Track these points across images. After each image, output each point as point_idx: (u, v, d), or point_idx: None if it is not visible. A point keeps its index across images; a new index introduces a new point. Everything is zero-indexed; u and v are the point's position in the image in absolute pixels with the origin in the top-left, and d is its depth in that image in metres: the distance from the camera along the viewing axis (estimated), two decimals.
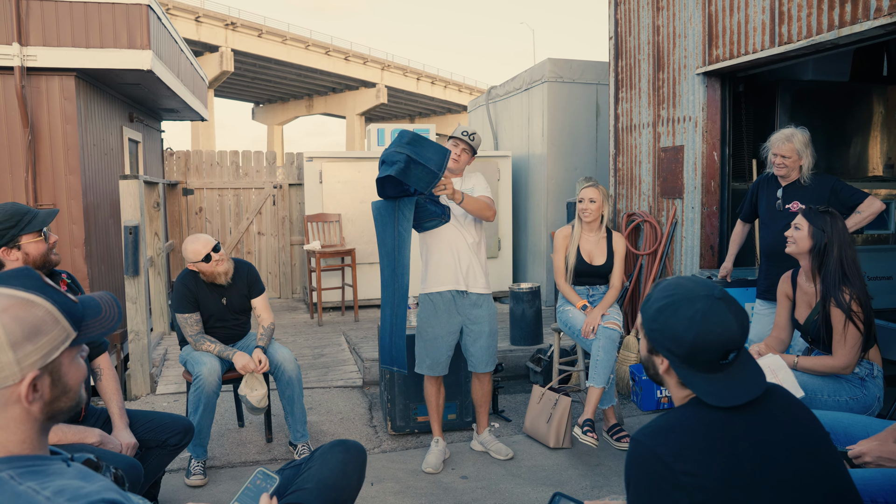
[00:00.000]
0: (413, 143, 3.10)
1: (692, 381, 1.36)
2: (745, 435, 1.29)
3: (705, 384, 1.34)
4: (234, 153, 8.13)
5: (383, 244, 3.29)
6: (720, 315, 1.33)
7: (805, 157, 3.48)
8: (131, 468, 2.19)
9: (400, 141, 3.13)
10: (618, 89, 5.64)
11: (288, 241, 8.21)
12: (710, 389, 1.34)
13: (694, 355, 1.35)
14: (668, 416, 1.36)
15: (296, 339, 6.00)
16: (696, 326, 1.33)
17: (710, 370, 1.35)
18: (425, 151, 3.09)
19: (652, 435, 1.31)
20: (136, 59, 4.97)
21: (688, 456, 1.26)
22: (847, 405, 2.66)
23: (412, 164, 3.04)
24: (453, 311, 3.42)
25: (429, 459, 3.48)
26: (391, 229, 3.26)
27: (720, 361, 1.34)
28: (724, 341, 1.33)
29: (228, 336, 3.57)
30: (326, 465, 1.74)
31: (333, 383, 4.82)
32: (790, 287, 3.00)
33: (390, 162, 3.07)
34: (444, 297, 3.40)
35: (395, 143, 3.13)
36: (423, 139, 3.14)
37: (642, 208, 5.34)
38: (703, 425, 1.31)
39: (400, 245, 3.25)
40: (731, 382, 1.33)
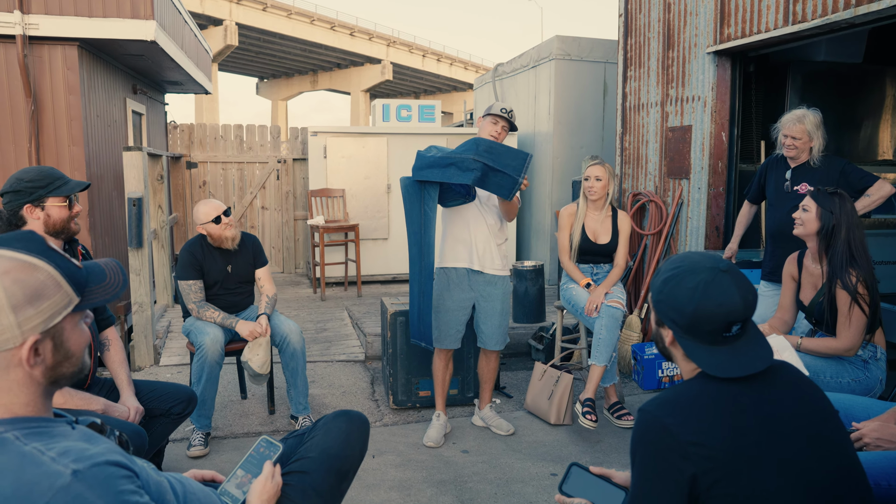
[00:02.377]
0: (491, 152, 3.12)
1: (695, 352, 1.36)
2: (752, 409, 1.29)
3: (707, 355, 1.35)
4: (238, 127, 8.09)
5: (411, 222, 3.32)
6: (723, 287, 1.33)
7: (816, 139, 3.45)
8: (136, 435, 2.21)
9: (476, 149, 3.13)
10: (626, 68, 5.58)
11: (291, 215, 8.20)
12: (711, 360, 1.34)
13: (696, 326, 1.35)
14: (676, 389, 1.36)
15: (298, 314, 6.03)
16: (698, 297, 1.33)
17: (713, 342, 1.35)
18: (503, 158, 3.12)
19: (660, 406, 1.32)
20: (139, 29, 4.92)
21: (695, 427, 1.26)
22: (849, 387, 2.67)
23: (491, 172, 3.10)
24: (466, 287, 3.43)
25: (430, 433, 3.50)
26: (418, 208, 3.28)
27: (723, 334, 1.34)
28: (726, 313, 1.32)
29: (231, 304, 3.58)
30: (329, 434, 1.75)
31: (336, 357, 4.85)
32: (796, 268, 2.98)
33: (463, 168, 3.09)
34: (458, 273, 3.42)
35: (470, 151, 3.13)
36: (499, 146, 3.16)
37: (648, 188, 5.31)
38: (710, 398, 1.31)
39: (426, 224, 3.27)
40: (735, 355, 1.33)
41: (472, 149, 3.14)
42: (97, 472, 1.03)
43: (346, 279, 7.04)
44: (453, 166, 3.12)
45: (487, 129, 3.40)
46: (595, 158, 3.94)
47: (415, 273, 3.35)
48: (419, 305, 3.37)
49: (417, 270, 3.33)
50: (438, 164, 3.17)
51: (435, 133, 7.34)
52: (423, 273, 3.32)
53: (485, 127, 3.41)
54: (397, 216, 7.25)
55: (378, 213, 7.21)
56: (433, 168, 3.18)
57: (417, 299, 3.36)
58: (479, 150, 3.12)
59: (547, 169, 7.04)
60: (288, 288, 7.35)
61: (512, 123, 3.40)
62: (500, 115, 3.38)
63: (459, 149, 3.19)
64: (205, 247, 3.49)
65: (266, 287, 3.63)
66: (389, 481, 3.04)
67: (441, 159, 3.15)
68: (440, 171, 3.16)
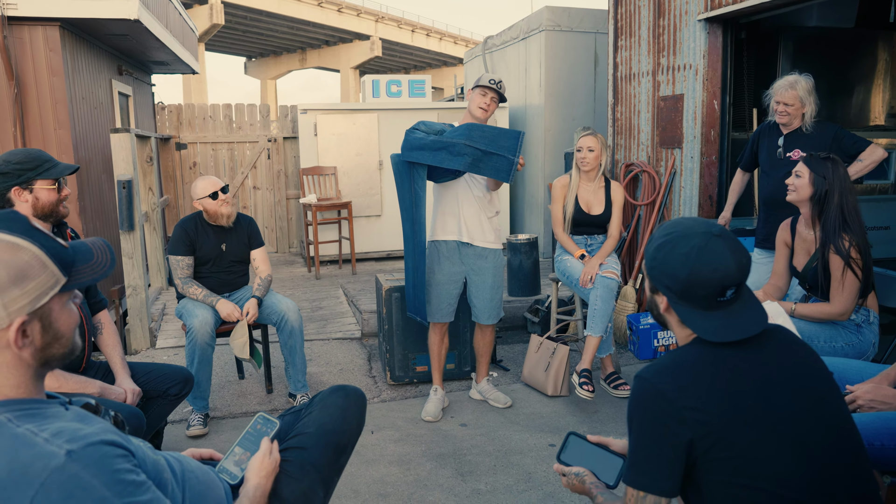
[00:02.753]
0: (483, 136, 3.09)
1: (689, 317, 1.36)
2: (748, 372, 1.29)
3: (702, 320, 1.34)
4: (227, 107, 8.00)
5: (402, 200, 3.32)
6: (716, 251, 1.32)
7: (808, 105, 3.43)
8: (133, 416, 2.21)
9: (469, 135, 3.09)
10: (617, 37, 5.51)
11: (284, 195, 8.16)
12: (706, 325, 1.33)
13: (690, 291, 1.34)
14: (671, 355, 1.36)
15: (294, 293, 6.02)
16: (692, 262, 1.32)
17: (707, 307, 1.34)
18: (496, 140, 3.09)
19: (656, 372, 1.32)
20: (121, 7, 4.83)
21: (691, 392, 1.26)
22: (843, 351, 2.68)
23: (484, 156, 3.07)
24: (456, 260, 3.42)
25: (428, 408, 3.51)
26: (408, 186, 3.28)
27: (718, 298, 1.33)
28: (720, 277, 1.31)
29: (224, 283, 3.58)
30: (326, 409, 1.75)
31: (332, 335, 4.85)
32: (789, 235, 2.98)
33: (454, 153, 3.07)
34: (448, 246, 3.41)
35: (462, 136, 3.09)
36: (491, 129, 3.13)
37: (641, 158, 5.29)
38: (706, 363, 1.31)
39: (416, 202, 3.28)
40: (730, 320, 1.33)
41: (465, 134, 3.10)
42: (92, 451, 1.02)
43: (340, 257, 7.02)
44: (444, 150, 3.11)
45: (476, 101, 3.34)
46: (587, 129, 3.92)
47: (409, 249, 3.37)
48: (413, 280, 3.40)
49: (411, 247, 3.36)
50: (429, 147, 3.15)
51: (426, 108, 7.27)
52: (417, 249, 3.34)
53: (474, 99, 3.35)
54: (390, 192, 7.21)
55: (370, 189, 7.18)
56: (423, 150, 3.16)
57: (412, 275, 3.39)
58: (471, 134, 3.10)
59: (539, 141, 7.00)
60: (282, 267, 7.33)
61: (501, 94, 3.33)
62: (488, 86, 3.31)
63: (452, 134, 3.14)
64: (199, 223, 3.50)
65: (261, 268, 3.62)
66: (389, 456, 3.06)
67: (432, 142, 3.14)
68: (430, 154, 3.15)
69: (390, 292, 3.86)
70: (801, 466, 1.24)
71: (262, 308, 3.52)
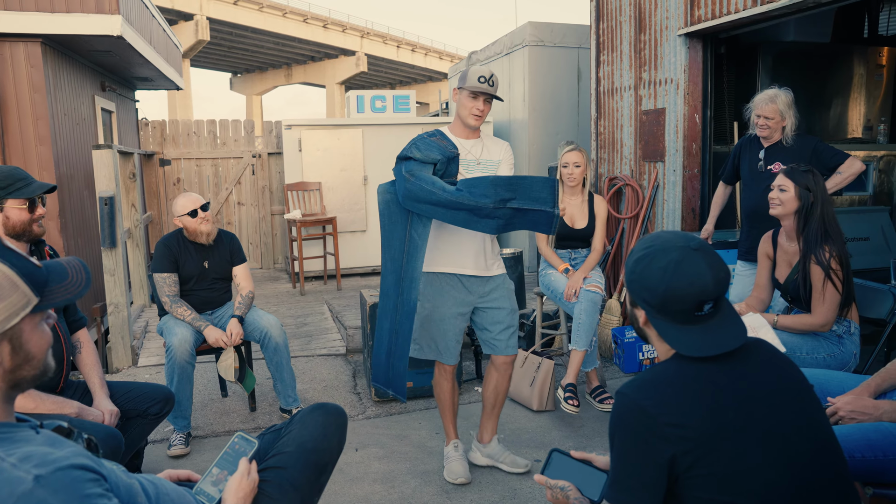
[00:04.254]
0: (514, 190, 2.55)
1: (667, 332, 1.35)
2: (729, 387, 1.28)
3: (679, 335, 1.33)
4: (212, 122, 7.98)
5: (388, 246, 2.75)
6: (694, 265, 1.31)
7: (788, 118, 3.47)
8: (111, 437, 2.16)
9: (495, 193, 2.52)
10: (599, 52, 5.57)
11: (268, 210, 8.13)
12: (683, 340, 1.32)
13: (667, 306, 1.33)
14: (652, 370, 1.35)
15: (278, 309, 5.97)
16: (669, 276, 1.32)
17: (684, 321, 1.34)
18: (530, 192, 2.56)
19: (637, 388, 1.31)
20: (104, 24, 4.81)
21: (673, 408, 1.25)
22: (825, 362, 2.69)
23: (519, 213, 2.54)
24: (462, 289, 2.87)
25: (454, 468, 2.96)
26: (400, 231, 2.71)
27: (695, 313, 1.33)
28: (697, 292, 1.31)
29: (207, 300, 3.55)
30: (306, 428, 1.73)
31: (317, 352, 4.81)
32: (771, 247, 3.01)
33: (481, 215, 2.52)
34: (450, 278, 2.87)
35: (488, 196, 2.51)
36: (520, 180, 2.58)
37: (624, 172, 5.32)
38: (687, 378, 1.30)
39: (411, 252, 2.70)
40: (708, 334, 1.32)
41: (490, 192, 2.51)
42: (61, 476, 1.00)
43: (325, 273, 6.99)
44: (464, 211, 2.52)
45: (467, 107, 2.76)
46: (571, 144, 3.94)
47: (387, 308, 2.79)
48: (390, 347, 2.81)
49: (391, 306, 2.77)
50: (444, 205, 2.54)
51: (410, 123, 7.29)
52: (401, 310, 2.74)
53: (463, 104, 2.77)
54: (374, 208, 7.19)
55: (355, 205, 7.17)
56: (437, 208, 2.56)
57: (387, 339, 2.81)
58: (497, 192, 2.52)
59: (523, 156, 7.03)
60: (267, 283, 7.28)
61: (494, 96, 2.76)
62: (478, 88, 2.70)
63: (470, 190, 2.53)
64: (181, 241, 3.47)
65: (242, 285, 3.59)
66: (373, 474, 3.03)
67: (448, 202, 2.53)
68: (446, 213, 2.55)
69: (375, 308, 3.84)
70: (784, 481, 1.23)
71: (244, 325, 3.49)
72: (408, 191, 2.60)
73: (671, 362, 1.35)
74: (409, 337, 2.76)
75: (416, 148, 2.69)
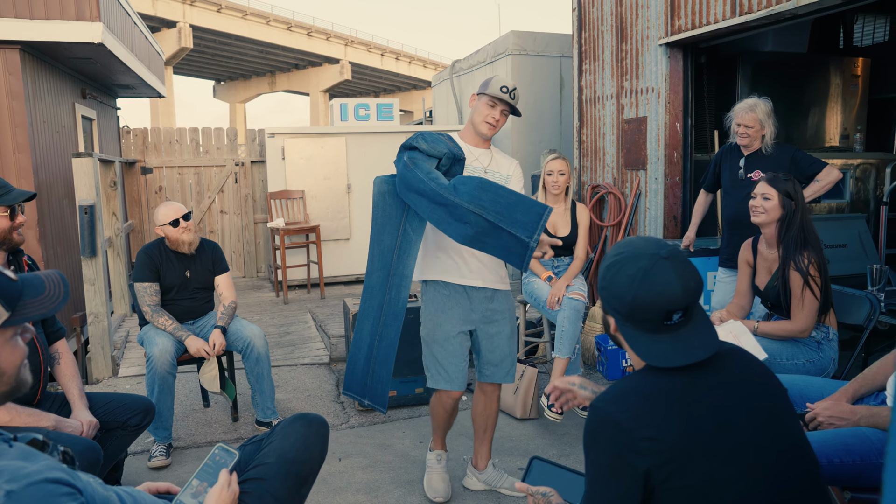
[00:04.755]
0: (497, 201, 2.28)
1: (635, 340, 1.35)
2: (703, 398, 1.28)
3: (648, 344, 1.33)
4: (194, 130, 7.93)
5: (378, 240, 2.57)
6: (662, 274, 1.30)
7: (767, 127, 3.52)
8: (89, 449, 2.13)
9: (478, 196, 2.29)
10: (581, 61, 5.62)
11: (251, 219, 8.08)
12: (652, 349, 1.32)
13: (635, 314, 1.33)
14: (626, 382, 1.34)
15: (261, 318, 5.93)
16: (637, 285, 1.31)
17: (653, 330, 1.33)
18: (512, 211, 2.26)
19: (611, 401, 1.29)
20: (85, 31, 4.77)
21: (647, 420, 1.24)
22: (804, 368, 2.73)
23: (493, 230, 2.27)
24: (466, 303, 2.66)
25: (434, 484, 2.83)
26: (394, 224, 2.54)
27: (664, 322, 1.32)
28: (664, 301, 1.30)
29: (189, 310, 3.53)
30: (287, 439, 1.72)
31: (300, 361, 4.78)
32: (751, 254, 3.04)
33: (455, 216, 2.30)
34: (454, 289, 2.65)
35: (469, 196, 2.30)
36: (508, 193, 2.31)
37: (606, 180, 5.36)
38: (660, 389, 1.29)
39: (403, 248, 2.52)
40: (677, 343, 1.31)
41: (472, 195, 2.30)
42: (34, 490, 0.98)
43: (308, 281, 6.96)
44: (443, 208, 2.34)
45: (482, 113, 2.61)
46: (554, 152, 3.97)
47: (370, 308, 2.60)
48: (369, 353, 2.60)
49: (376, 305, 2.58)
50: (428, 196, 2.37)
51: (394, 131, 7.29)
52: (386, 310, 2.55)
53: (479, 110, 2.62)
54: (358, 216, 7.19)
55: (339, 213, 7.15)
56: (422, 198, 2.40)
57: (368, 342, 2.60)
58: (480, 197, 2.29)
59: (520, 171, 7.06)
60: (250, 292, 7.24)
61: (514, 107, 2.61)
62: (499, 96, 2.56)
63: (460, 187, 2.34)
64: (163, 250, 3.46)
65: (225, 295, 3.57)
66: (357, 484, 3.01)
67: (432, 193, 2.36)
68: (428, 207, 2.39)
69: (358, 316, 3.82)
70: (759, 490, 1.24)
71: (227, 335, 3.46)
72: (403, 177, 2.46)
73: (645, 373, 1.34)
74: (394, 340, 2.57)
75: (423, 139, 2.53)
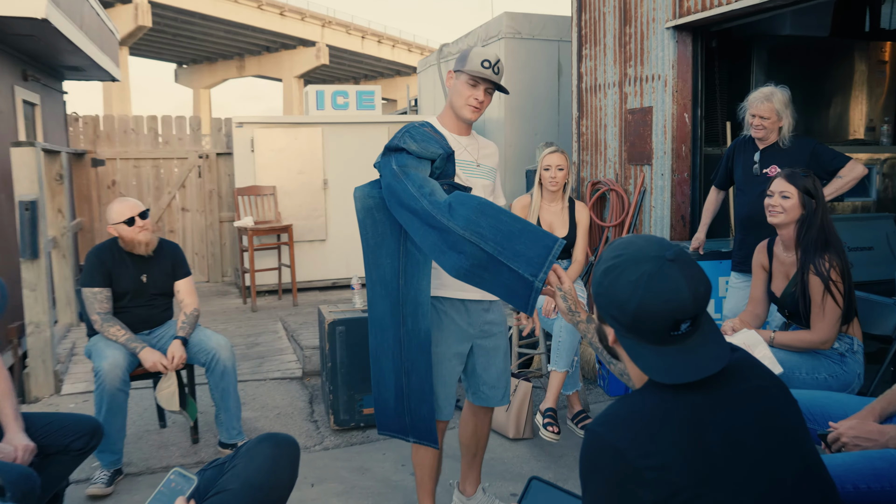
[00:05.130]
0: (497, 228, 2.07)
1: (638, 353, 1.32)
2: (712, 419, 1.25)
3: (652, 357, 1.30)
4: (153, 119, 7.88)
5: (376, 265, 2.39)
6: (670, 279, 1.27)
7: (785, 118, 3.53)
8: (24, 478, 2.08)
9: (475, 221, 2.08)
10: (581, 46, 5.62)
11: (216, 217, 8.04)
12: (656, 363, 1.29)
13: (638, 324, 1.30)
14: (627, 403, 1.30)
15: (227, 328, 5.91)
16: (641, 292, 1.28)
17: (659, 342, 1.30)
18: (515, 242, 2.04)
19: (611, 426, 1.26)
20: (26, 5, 4.70)
21: (652, 448, 1.21)
22: (826, 383, 2.72)
23: (492, 263, 2.06)
24: (465, 318, 2.56)
25: None
26: (391, 244, 2.36)
27: (671, 332, 1.29)
28: (672, 309, 1.27)
29: (145, 319, 3.49)
30: (253, 462, 1.68)
31: (269, 375, 4.76)
32: (766, 257, 3.04)
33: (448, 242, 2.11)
34: (450, 304, 2.54)
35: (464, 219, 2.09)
36: (512, 219, 2.09)
37: (608, 176, 5.36)
38: (666, 412, 1.26)
39: (410, 272, 2.34)
40: (684, 356, 1.28)
41: (471, 217, 2.09)
42: None
43: (279, 287, 6.95)
44: (436, 232, 2.14)
45: (463, 94, 2.44)
46: (552, 145, 3.96)
47: (384, 344, 2.44)
48: (399, 389, 2.45)
49: (391, 341, 2.41)
50: (420, 215, 2.18)
51: (375, 122, 7.28)
52: (407, 344, 2.39)
53: (459, 91, 2.45)
54: (335, 214, 7.16)
55: (314, 211, 7.12)
56: (414, 218, 2.21)
57: (394, 380, 2.45)
58: (478, 222, 2.08)
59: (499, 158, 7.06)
60: (214, 299, 7.20)
61: (499, 84, 2.45)
62: (481, 74, 2.38)
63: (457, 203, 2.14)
64: (116, 252, 3.42)
65: (186, 302, 3.55)
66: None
67: (424, 213, 2.16)
68: (420, 229, 2.20)
69: (334, 325, 3.79)
70: None
71: (188, 347, 3.42)
72: (393, 190, 2.24)
73: (648, 393, 1.31)
74: (428, 375, 2.41)
75: (412, 138, 2.33)
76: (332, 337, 3.80)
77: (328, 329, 3.81)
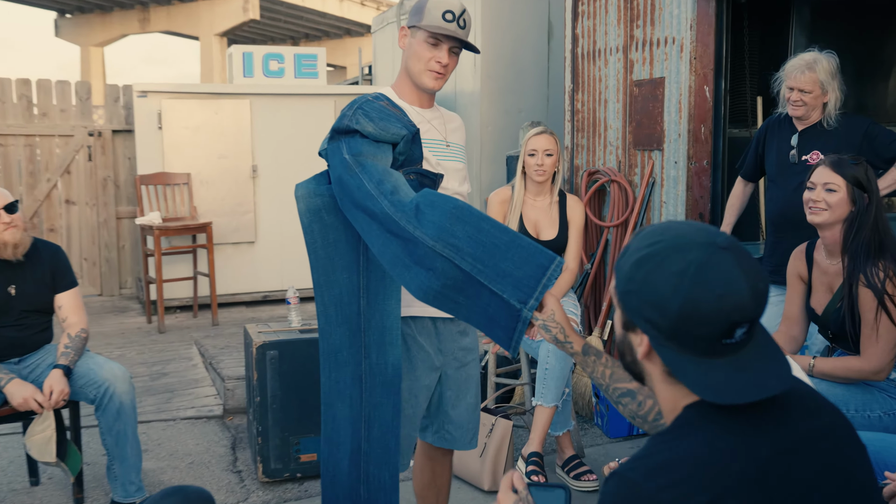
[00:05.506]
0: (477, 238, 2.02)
1: (681, 366, 1.29)
2: (773, 465, 1.23)
3: (698, 372, 1.27)
4: (25, 83, 7.80)
5: (329, 283, 2.33)
6: (724, 271, 1.25)
7: (831, 92, 3.57)
8: None
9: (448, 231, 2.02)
10: (577, 1, 5.66)
11: (112, 212, 8.01)
12: (704, 380, 1.26)
13: (683, 329, 1.26)
14: (665, 442, 1.28)
15: (124, 354, 5.90)
16: (687, 286, 1.25)
17: (706, 352, 1.27)
18: (501, 257, 2.00)
19: (648, 473, 1.22)
20: None
21: (702, 500, 1.18)
22: (881, 422, 2.75)
23: (469, 284, 2.02)
24: (434, 342, 2.57)
25: None
26: (348, 255, 2.31)
27: (723, 340, 1.26)
28: (729, 309, 1.24)
29: (14, 343, 3.44)
30: None
31: (180, 413, 4.77)
32: (804, 266, 3.07)
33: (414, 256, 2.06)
34: (422, 325, 2.53)
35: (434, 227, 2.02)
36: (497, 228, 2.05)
37: (609, 164, 5.40)
38: (716, 452, 1.23)
39: (374, 288, 2.32)
40: (738, 373, 1.26)
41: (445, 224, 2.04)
42: None
43: (195, 301, 6.95)
44: (398, 241, 2.10)
45: (422, 55, 2.43)
46: (537, 125, 3.98)
47: (340, 383, 2.37)
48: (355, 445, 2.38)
49: (349, 378, 2.35)
50: (379, 218, 2.12)
51: (319, 93, 7.26)
52: (369, 382, 2.35)
53: (416, 52, 2.44)
54: (267, 210, 7.12)
55: (240, 206, 7.09)
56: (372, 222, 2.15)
57: (350, 435, 2.37)
58: (452, 229, 2.03)
59: (474, 141, 7.07)
60: (109, 317, 7.17)
61: (466, 42, 2.43)
62: (443, 29, 2.37)
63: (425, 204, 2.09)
64: None
65: (70, 320, 3.51)
66: None
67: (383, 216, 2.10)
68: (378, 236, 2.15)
69: (264, 350, 3.77)
70: None
71: (71, 378, 3.37)
72: (345, 186, 2.18)
73: (690, 428, 1.28)
74: (394, 425, 2.36)
75: (366, 116, 2.25)
76: (262, 364, 3.77)
77: (256, 354, 3.78)
